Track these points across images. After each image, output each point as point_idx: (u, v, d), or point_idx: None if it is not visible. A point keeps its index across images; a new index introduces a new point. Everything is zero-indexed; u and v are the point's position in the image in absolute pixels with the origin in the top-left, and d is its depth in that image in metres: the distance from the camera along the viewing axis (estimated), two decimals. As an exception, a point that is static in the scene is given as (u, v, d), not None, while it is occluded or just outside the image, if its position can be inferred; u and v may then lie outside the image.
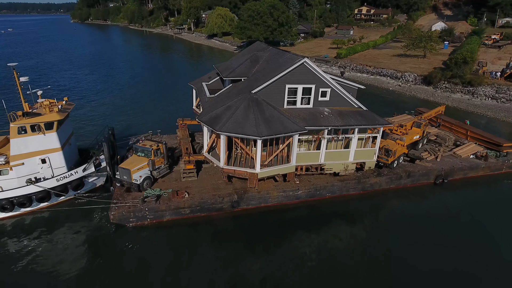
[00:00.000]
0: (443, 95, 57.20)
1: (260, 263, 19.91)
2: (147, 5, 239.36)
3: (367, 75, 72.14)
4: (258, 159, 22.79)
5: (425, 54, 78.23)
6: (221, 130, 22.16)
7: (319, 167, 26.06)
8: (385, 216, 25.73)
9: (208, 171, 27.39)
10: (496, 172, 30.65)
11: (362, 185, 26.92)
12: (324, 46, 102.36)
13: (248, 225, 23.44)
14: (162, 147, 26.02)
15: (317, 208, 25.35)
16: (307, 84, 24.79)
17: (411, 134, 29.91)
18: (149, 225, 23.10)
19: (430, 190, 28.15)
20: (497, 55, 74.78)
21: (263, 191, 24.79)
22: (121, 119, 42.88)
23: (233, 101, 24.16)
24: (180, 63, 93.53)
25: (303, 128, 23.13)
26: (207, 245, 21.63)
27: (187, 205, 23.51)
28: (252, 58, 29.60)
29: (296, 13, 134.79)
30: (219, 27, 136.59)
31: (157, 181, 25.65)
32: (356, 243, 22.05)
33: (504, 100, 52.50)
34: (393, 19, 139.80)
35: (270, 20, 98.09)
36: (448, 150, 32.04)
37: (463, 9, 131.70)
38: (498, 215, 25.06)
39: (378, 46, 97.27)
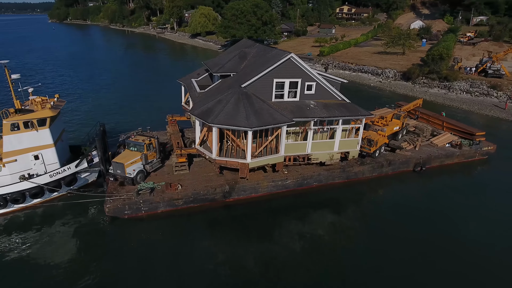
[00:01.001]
0: (421, 90, 59.78)
1: (253, 249, 20.97)
2: (128, 4, 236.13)
3: (349, 72, 74.28)
4: (249, 149, 23.87)
5: (404, 51, 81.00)
6: (213, 123, 23.12)
7: (306, 157, 27.39)
8: (368, 202, 27.28)
9: (199, 164, 28.26)
10: (469, 159, 32.82)
11: (347, 174, 28.40)
12: (307, 44, 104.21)
13: (240, 214, 24.50)
14: (154, 141, 26.73)
15: (305, 197, 26.64)
16: (293, 78, 26.05)
17: (391, 126, 31.67)
18: (144, 216, 23.79)
19: (409, 177, 29.97)
20: (471, 51, 78.30)
21: (253, 181, 25.89)
22: (109, 117, 43.07)
23: (223, 95, 25.15)
24: (164, 62, 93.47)
25: (291, 120, 24.37)
26: (201, 234, 22.54)
27: (180, 196, 24.33)
28: (240, 54, 30.63)
29: (279, 12, 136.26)
30: (202, 26, 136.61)
31: (150, 175, 26.34)
32: (342, 228, 23.42)
33: (478, 93, 55.41)
34: (374, 18, 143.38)
35: (253, 19, 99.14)
36: (425, 140, 34.03)
37: (440, 8, 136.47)
38: (471, 197, 27.18)
39: (359, 44, 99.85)
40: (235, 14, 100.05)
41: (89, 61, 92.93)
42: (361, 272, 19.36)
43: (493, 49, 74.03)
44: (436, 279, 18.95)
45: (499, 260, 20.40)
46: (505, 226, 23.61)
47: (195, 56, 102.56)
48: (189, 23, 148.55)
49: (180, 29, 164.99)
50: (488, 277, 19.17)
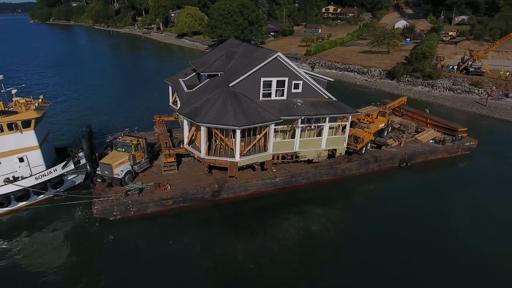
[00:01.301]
0: (406, 88, 61.00)
1: (243, 247, 21.10)
2: (113, 4, 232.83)
3: (336, 71, 75.17)
4: (238, 148, 24.03)
5: (388, 50, 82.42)
6: (202, 122, 23.19)
7: (294, 155, 27.72)
8: (356, 198, 27.79)
9: (188, 164, 28.26)
10: (452, 154, 33.75)
11: (334, 171, 28.86)
12: (294, 44, 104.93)
13: (230, 213, 24.62)
14: (142, 142, 26.61)
15: (294, 194, 26.94)
16: (280, 77, 26.32)
17: (377, 123, 32.30)
18: (133, 217, 23.67)
19: (395, 173, 30.66)
20: (453, 50, 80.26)
21: (242, 180, 26.05)
22: (96, 118, 42.57)
23: (211, 94, 25.23)
24: (151, 63, 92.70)
25: (278, 118, 24.63)
26: (191, 233, 22.58)
27: (169, 196, 24.30)
28: (228, 54, 30.75)
29: (265, 12, 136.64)
30: (189, 26, 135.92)
31: (138, 176, 26.22)
32: (331, 224, 23.79)
33: (460, 91, 56.90)
34: (359, 17, 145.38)
35: (240, 19, 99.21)
36: (410, 136, 34.83)
37: (423, 7, 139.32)
38: (454, 191, 28.02)
39: (345, 44, 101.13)
40: (222, 14, 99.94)
41: (74, 62, 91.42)
42: (350, 268, 19.72)
43: (474, 48, 76.03)
44: (422, 271, 19.48)
45: (483, 251, 21.09)
46: (487, 218, 24.42)
47: (182, 56, 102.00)
48: (175, 23, 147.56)
49: (166, 29, 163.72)
50: (472, 268, 19.81)
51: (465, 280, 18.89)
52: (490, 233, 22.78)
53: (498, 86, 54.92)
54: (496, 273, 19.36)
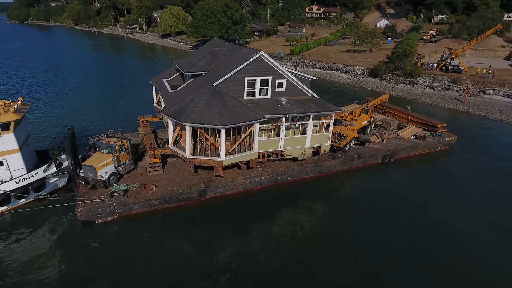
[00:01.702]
0: (388, 86, 62.28)
1: (230, 245, 21.17)
2: (94, 4, 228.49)
3: (320, 70, 76.04)
4: (223, 147, 24.11)
5: (371, 49, 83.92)
6: (186, 121, 23.15)
7: (279, 153, 27.99)
8: (341, 195, 28.28)
9: (174, 164, 28.15)
10: (433, 150, 34.75)
11: (319, 168, 29.28)
12: (278, 43, 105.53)
13: (216, 212, 24.66)
14: (126, 143, 26.34)
15: (280, 192, 27.18)
16: (264, 76, 26.54)
17: (360, 120, 32.94)
18: (118, 219, 23.43)
19: (378, 169, 31.35)
20: (433, 49, 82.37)
21: (228, 179, 26.14)
22: (79, 120, 41.82)
23: (195, 94, 25.22)
24: (134, 63, 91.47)
25: (263, 117, 24.83)
26: (177, 233, 22.54)
27: (155, 197, 24.17)
28: (211, 53, 30.78)
29: (249, 12, 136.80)
30: (172, 26, 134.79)
31: (123, 177, 25.95)
32: (317, 221, 24.16)
33: (440, 88, 58.51)
34: (342, 17, 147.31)
35: (224, 19, 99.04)
36: (392, 133, 35.67)
37: (404, 7, 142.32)
38: (435, 184, 28.97)
39: (329, 43, 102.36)
40: (205, 14, 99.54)
41: (54, 63, 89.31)
42: (336, 263, 20.04)
43: (453, 46, 78.27)
44: (407, 265, 20.02)
45: (465, 241, 21.89)
46: (467, 209, 25.39)
47: (166, 56, 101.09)
48: (159, 23, 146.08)
49: (150, 29, 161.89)
50: (455, 258, 20.49)
51: (449, 270, 19.51)
52: (471, 224, 23.69)
53: (475, 83, 56.73)
54: (479, 262, 20.09)
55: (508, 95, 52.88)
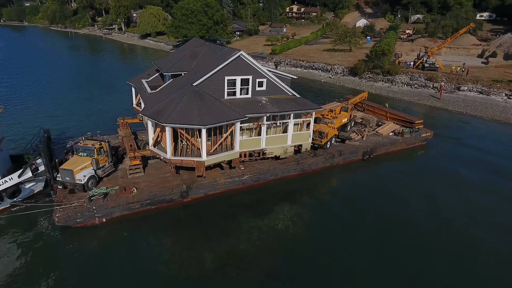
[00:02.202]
0: (367, 84, 63.49)
1: (213, 245, 21.09)
2: (70, 4, 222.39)
3: (301, 69, 76.72)
4: (204, 147, 23.99)
5: (350, 48, 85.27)
6: (166, 122, 22.91)
7: (261, 152, 28.10)
8: (323, 192, 28.71)
9: (155, 165, 27.80)
10: (411, 145, 35.69)
11: (301, 166, 29.56)
12: (260, 43, 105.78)
13: (199, 213, 24.53)
14: (105, 145, 25.81)
15: (263, 191, 27.28)
16: (244, 75, 26.58)
17: (340, 118, 33.46)
18: (98, 223, 22.97)
19: (359, 165, 31.94)
20: (410, 47, 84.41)
21: (210, 179, 26.04)
22: (55, 123, 40.62)
23: (175, 94, 24.99)
24: (113, 64, 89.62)
25: (244, 116, 24.85)
26: (160, 235, 22.27)
27: (136, 199, 23.81)
28: (191, 53, 30.56)
29: (230, 12, 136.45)
30: (152, 26, 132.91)
31: (103, 180, 25.44)
32: (300, 219, 24.40)
33: (417, 86, 60.09)
34: (322, 17, 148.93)
35: (205, 19, 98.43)
36: (372, 130, 36.40)
37: (382, 7, 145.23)
38: (413, 179, 29.81)
39: (309, 42, 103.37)
40: (186, 14, 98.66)
41: (30, 64, 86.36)
42: (320, 261, 20.23)
43: (429, 45, 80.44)
44: (388, 260, 20.51)
45: (439, 233, 22.59)
46: (443, 201, 26.34)
47: (146, 57, 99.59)
48: (138, 23, 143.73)
49: (129, 30, 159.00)
50: (430, 250, 21.12)
51: (427, 262, 20.09)
52: (447, 216, 24.56)
53: (450, 80, 58.58)
54: (463, 252, 20.79)
55: (481, 92, 54.87)
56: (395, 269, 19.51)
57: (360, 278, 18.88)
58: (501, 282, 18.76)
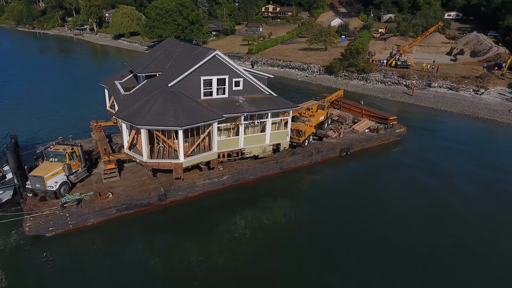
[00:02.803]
0: (343, 82, 64.62)
1: (193, 248, 20.80)
2: (38, 4, 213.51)
3: (278, 68, 77.12)
4: (181, 149, 23.59)
5: (326, 47, 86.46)
6: (141, 124, 22.35)
7: (240, 152, 27.98)
8: (302, 190, 28.97)
9: (131, 169, 27.12)
10: (386, 141, 36.63)
11: (280, 165, 29.67)
12: (236, 43, 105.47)
13: (178, 215, 24.13)
14: (77, 149, 24.91)
15: (242, 191, 27.17)
16: (220, 75, 26.37)
17: (317, 116, 33.84)
18: (72, 231, 22.13)
19: (337, 162, 32.47)
20: (383, 46, 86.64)
21: (189, 181, 25.67)
22: (24, 128, 38.82)
23: (150, 95, 24.43)
24: (86, 66, 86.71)
25: (221, 116, 24.64)
26: (138, 240, 21.77)
27: (112, 204, 23.13)
28: (166, 54, 30.00)
29: (205, 11, 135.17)
30: (125, 26, 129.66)
31: (76, 186, 24.56)
32: (280, 217, 24.46)
33: (390, 83, 61.76)
34: (297, 16, 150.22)
35: (180, 18, 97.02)
36: (348, 127, 37.06)
37: (355, 6, 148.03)
38: (388, 173, 30.69)
39: (286, 42, 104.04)
40: (160, 14, 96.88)
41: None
42: (300, 260, 20.30)
43: (401, 43, 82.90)
44: (368, 248, 20.90)
45: (416, 226, 23.31)
46: (416, 193, 27.31)
47: (120, 58, 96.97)
48: (111, 23, 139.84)
49: (101, 30, 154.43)
50: (410, 244, 21.71)
51: (406, 255, 20.63)
52: (421, 206, 25.52)
53: (421, 77, 60.57)
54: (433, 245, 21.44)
55: (451, 88, 57.06)
56: (379, 260, 19.94)
57: (344, 272, 19.13)
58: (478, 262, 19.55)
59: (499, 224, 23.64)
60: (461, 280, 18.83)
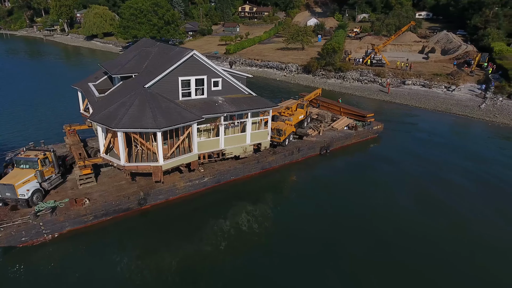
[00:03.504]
0: (321, 81, 65.42)
1: (174, 253, 20.40)
2: (4, 4, 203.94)
3: (256, 68, 77.13)
4: (160, 151, 23.04)
5: (303, 46, 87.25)
6: (118, 127, 21.64)
7: (221, 152, 27.68)
8: (284, 188, 29.10)
9: (108, 173, 26.27)
10: (364, 138, 37.35)
11: (262, 164, 29.61)
12: (213, 43, 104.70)
13: (159, 220, 23.60)
14: (50, 155, 23.81)
15: (224, 192, 26.93)
16: (199, 75, 25.99)
17: (296, 115, 34.01)
18: (47, 240, 21.19)
19: (317, 160, 32.81)
20: (359, 45, 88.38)
21: (169, 184, 25.15)
22: (-9, 134, 36.93)
23: (126, 97, 23.72)
24: (57, 68, 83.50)
25: (200, 117, 24.26)
26: (117, 247, 21.12)
27: (89, 211, 22.30)
28: (141, 54, 29.25)
29: (181, 11, 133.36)
30: (98, 27, 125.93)
31: (50, 193, 23.51)
32: (262, 217, 24.36)
33: (366, 81, 63.04)
34: (274, 16, 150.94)
35: (155, 18, 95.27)
36: (327, 125, 37.48)
37: (330, 6, 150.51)
38: (366, 170, 31.29)
39: (263, 41, 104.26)
40: (134, 14, 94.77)
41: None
42: (283, 259, 20.25)
43: (375, 42, 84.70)
44: (349, 243, 21.16)
45: (394, 215, 23.95)
46: (394, 187, 28.09)
47: (94, 59, 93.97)
48: (82, 24, 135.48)
49: (73, 31, 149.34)
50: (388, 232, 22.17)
51: (391, 245, 21.03)
52: (400, 200, 26.28)
53: (396, 75, 62.21)
54: (412, 239, 21.98)
55: (424, 85, 58.91)
56: (360, 254, 20.22)
57: (325, 269, 19.25)
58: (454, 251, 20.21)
59: (479, 210, 24.94)
60: (449, 268, 19.37)
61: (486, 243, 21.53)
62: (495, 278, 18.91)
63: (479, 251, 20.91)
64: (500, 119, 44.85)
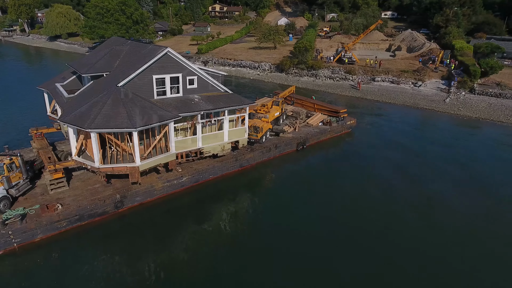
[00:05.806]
0: (294, 79, 66.25)
1: (154, 256, 19.89)
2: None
3: (229, 67, 76.84)
4: (137, 151, 22.43)
5: (275, 45, 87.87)
6: (91, 127, 20.82)
7: (198, 151, 27.37)
8: (263, 185, 29.24)
9: (81, 177, 25.25)
10: (338, 133, 38.25)
11: (240, 162, 29.56)
12: (184, 43, 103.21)
13: (137, 222, 22.96)
14: (16, 160, 22.57)
15: (203, 191, 26.63)
16: (173, 73, 25.54)
17: (272, 112, 34.26)
18: (17, 249, 20.03)
19: (294, 156, 33.21)
20: (329, 43, 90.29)
21: (147, 185, 24.55)
22: None
23: (98, 97, 22.88)
24: (18, 71, 78.90)
25: (177, 115, 23.86)
26: (93, 253, 20.32)
27: (62, 217, 21.32)
28: (112, 52, 28.32)
29: (150, 11, 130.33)
30: (62, 27, 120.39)
31: (18, 200, 22.26)
32: (242, 215, 24.38)
33: (338, 78, 64.58)
34: (245, 15, 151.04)
35: (122, 18, 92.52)
36: (303, 121, 38.06)
37: (300, 6, 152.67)
38: (342, 164, 32.28)
39: (235, 41, 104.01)
40: (100, 13, 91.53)
41: None
42: (263, 257, 20.20)
43: (345, 41, 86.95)
44: (329, 237, 21.58)
45: (369, 206, 24.68)
46: (369, 179, 28.93)
47: (58, 61, 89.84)
48: (44, 24, 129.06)
49: (34, 31, 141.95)
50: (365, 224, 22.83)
51: (364, 242, 21.63)
52: (374, 191, 27.08)
53: (366, 73, 64.17)
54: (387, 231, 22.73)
55: (392, 81, 61.17)
56: (340, 249, 20.65)
57: (306, 266, 19.51)
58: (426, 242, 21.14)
59: (448, 191, 26.70)
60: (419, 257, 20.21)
61: (454, 227, 22.73)
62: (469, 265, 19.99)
63: (448, 235, 22.04)
64: (464, 112, 47.48)
